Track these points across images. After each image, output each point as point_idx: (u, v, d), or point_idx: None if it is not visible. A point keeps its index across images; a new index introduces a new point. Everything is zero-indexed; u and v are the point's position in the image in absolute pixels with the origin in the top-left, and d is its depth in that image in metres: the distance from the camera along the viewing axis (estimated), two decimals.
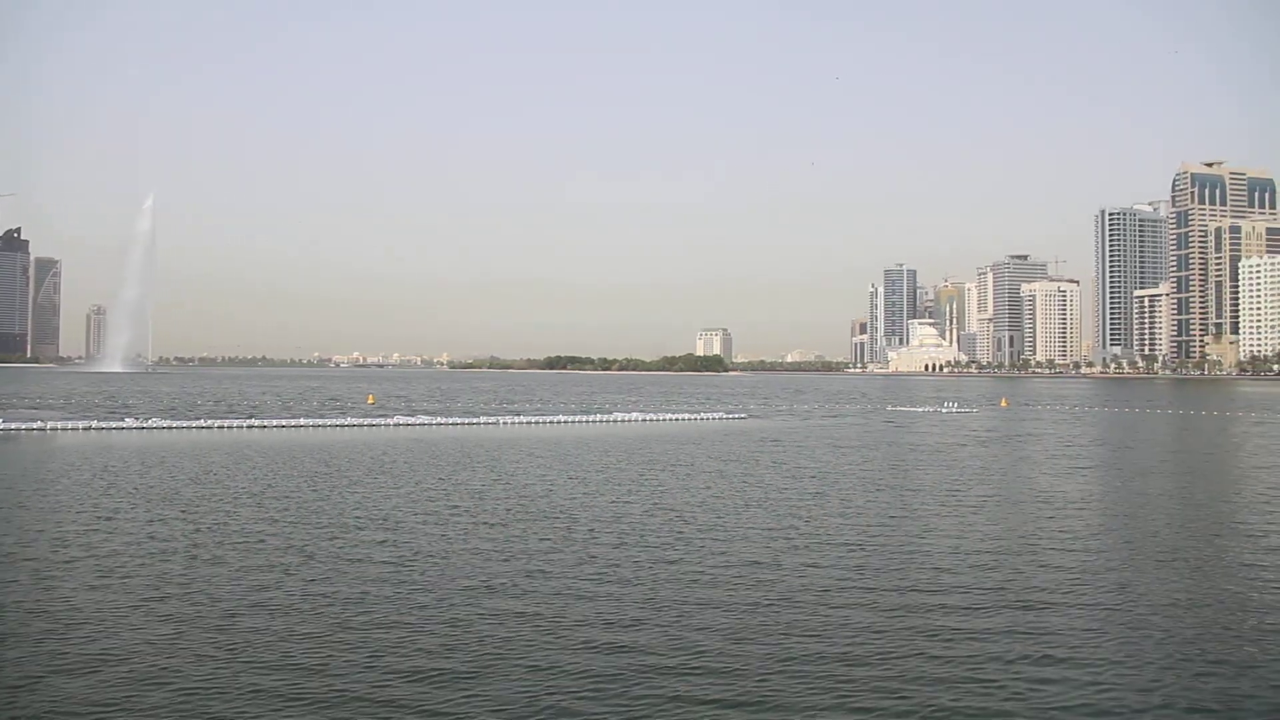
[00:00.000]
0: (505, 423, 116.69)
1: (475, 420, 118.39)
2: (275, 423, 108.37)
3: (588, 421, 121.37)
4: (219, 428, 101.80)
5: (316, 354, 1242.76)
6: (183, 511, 44.94)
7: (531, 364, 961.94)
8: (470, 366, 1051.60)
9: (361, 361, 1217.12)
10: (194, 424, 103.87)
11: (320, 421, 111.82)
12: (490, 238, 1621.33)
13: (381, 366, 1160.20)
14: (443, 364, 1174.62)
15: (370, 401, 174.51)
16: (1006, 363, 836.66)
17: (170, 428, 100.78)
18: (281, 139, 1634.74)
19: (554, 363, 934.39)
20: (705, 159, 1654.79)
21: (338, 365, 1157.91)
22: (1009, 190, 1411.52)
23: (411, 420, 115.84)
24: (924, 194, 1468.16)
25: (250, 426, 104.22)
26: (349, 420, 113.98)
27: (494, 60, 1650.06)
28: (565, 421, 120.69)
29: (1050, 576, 32.07)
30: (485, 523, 42.51)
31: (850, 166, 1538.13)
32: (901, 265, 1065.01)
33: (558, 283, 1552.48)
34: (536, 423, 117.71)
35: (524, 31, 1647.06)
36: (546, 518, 43.93)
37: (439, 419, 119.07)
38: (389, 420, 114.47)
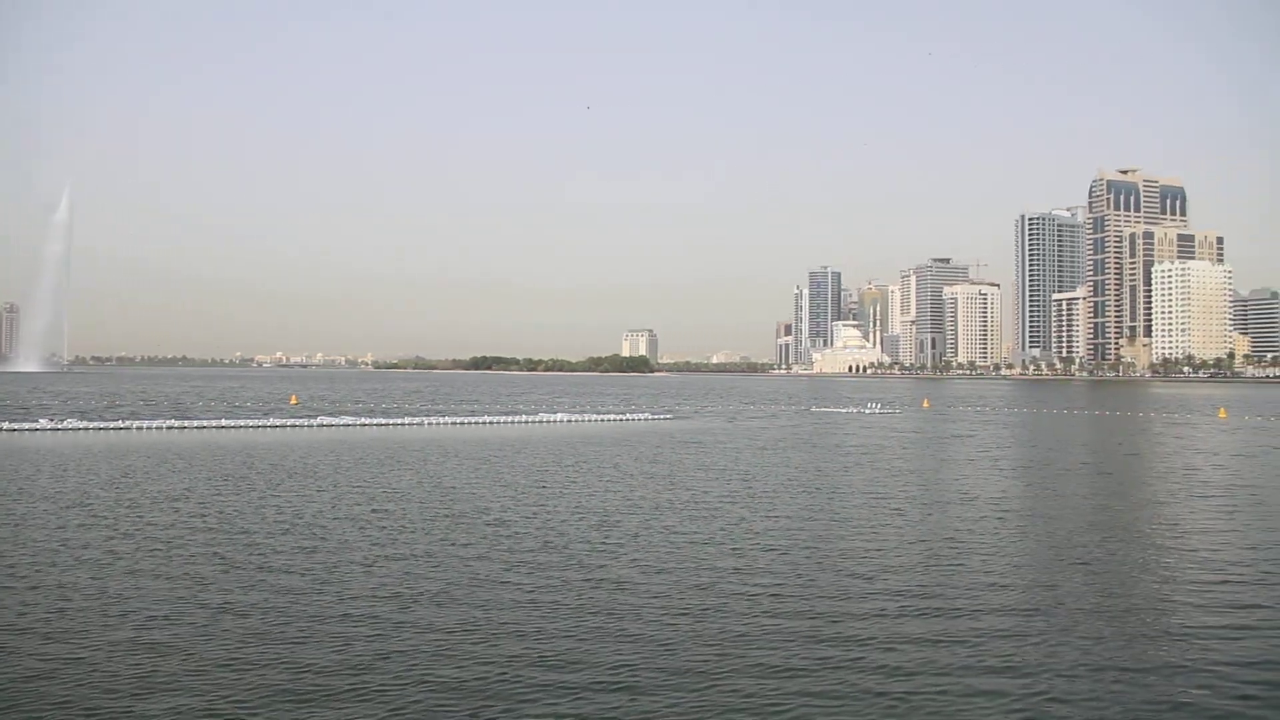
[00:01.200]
0: (431, 424, 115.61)
1: (400, 421, 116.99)
2: (196, 424, 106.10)
3: (514, 422, 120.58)
4: (137, 429, 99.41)
5: (238, 354, 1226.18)
6: (96, 517, 43.46)
7: (457, 364, 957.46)
8: (395, 367, 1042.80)
9: (284, 361, 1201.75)
10: (111, 425, 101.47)
11: (242, 422, 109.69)
12: (418, 238, 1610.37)
13: (305, 366, 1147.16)
14: (367, 364, 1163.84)
15: (293, 402, 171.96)
16: (929, 364, 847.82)
17: (86, 429, 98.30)
18: (227, 133, 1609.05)
19: (479, 363, 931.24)
20: (653, 161, 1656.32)
21: (260, 365, 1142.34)
22: (933, 194, 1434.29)
23: (335, 421, 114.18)
24: (849, 197, 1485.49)
25: (170, 428, 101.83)
26: (271, 421, 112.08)
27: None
28: (491, 422, 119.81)
29: (974, 580, 32.02)
30: (411, 527, 41.68)
31: (777, 169, 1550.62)
32: (826, 268, 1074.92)
33: (483, 283, 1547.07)
34: (462, 423, 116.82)
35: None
36: (472, 522, 43.19)
37: (363, 420, 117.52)
38: (312, 421, 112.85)
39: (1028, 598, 29.91)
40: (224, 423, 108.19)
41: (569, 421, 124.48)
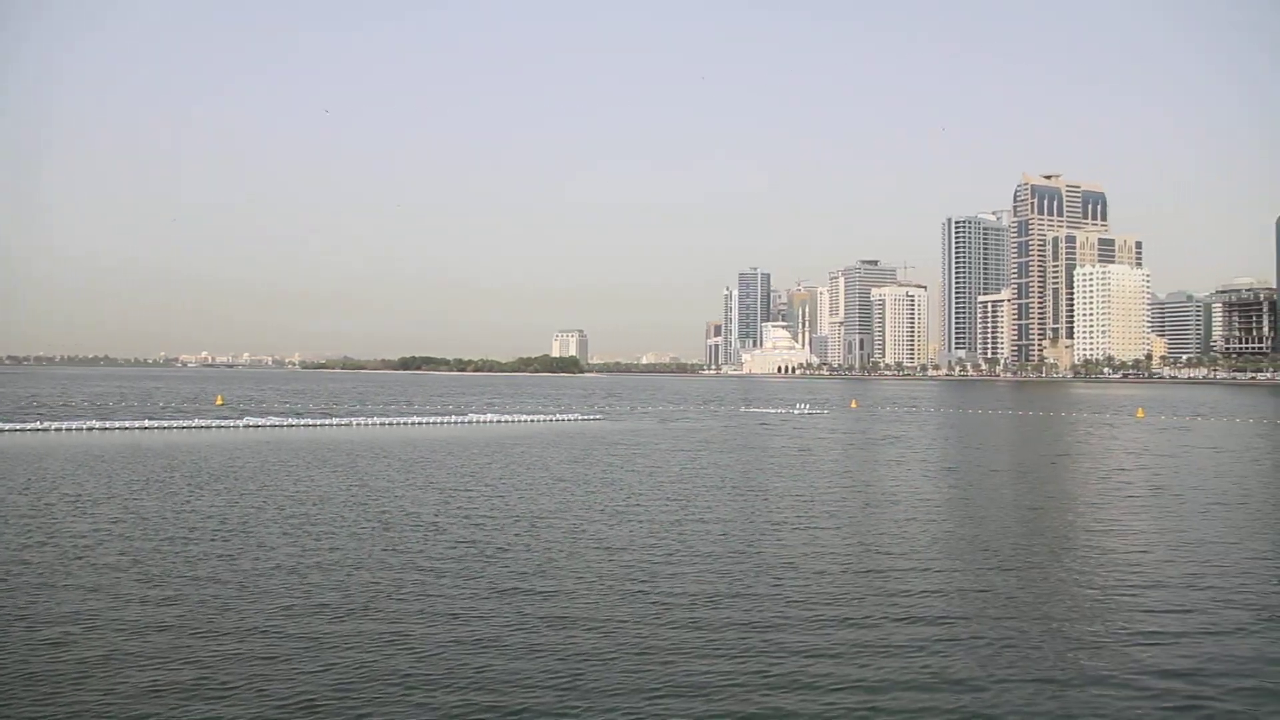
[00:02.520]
0: (359, 424, 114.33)
1: (328, 422, 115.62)
2: (118, 425, 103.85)
3: (443, 423, 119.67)
4: (56, 430, 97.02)
5: (162, 353, 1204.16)
6: (8, 524, 42.01)
7: (385, 365, 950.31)
8: (323, 367, 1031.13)
9: (210, 361, 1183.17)
10: (28, 426, 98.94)
11: (166, 423, 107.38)
12: (345, 238, 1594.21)
13: (231, 366, 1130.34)
14: (294, 364, 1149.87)
15: (219, 402, 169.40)
16: (857, 365, 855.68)
17: (1, 430, 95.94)
18: (163, 125, 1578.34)
19: (408, 363, 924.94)
20: (583, 162, 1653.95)
21: (185, 365, 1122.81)
22: (862, 196, 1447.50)
23: (262, 421, 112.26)
24: (779, 199, 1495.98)
25: (91, 429, 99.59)
26: (197, 422, 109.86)
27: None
28: (421, 423, 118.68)
29: (905, 587, 31.77)
30: (338, 532, 40.89)
31: (707, 170, 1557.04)
32: (756, 269, 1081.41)
33: (412, 283, 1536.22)
34: (391, 424, 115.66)
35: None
36: (401, 526, 42.52)
37: (291, 420, 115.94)
38: (239, 422, 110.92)
39: (958, 604, 29.76)
40: (147, 424, 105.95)
41: (499, 422, 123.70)
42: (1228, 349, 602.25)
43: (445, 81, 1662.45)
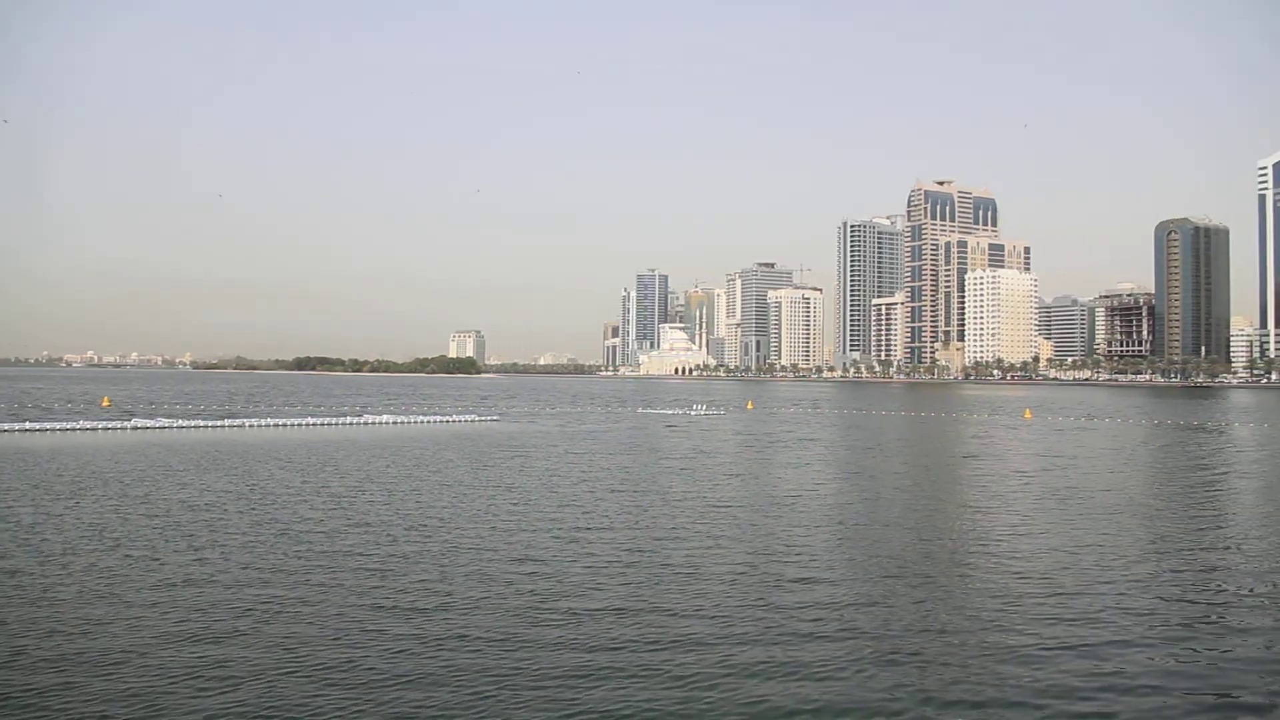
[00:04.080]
0: (252, 425, 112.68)
1: (220, 424, 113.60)
2: None
3: (339, 424, 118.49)
4: None
5: (45, 353, 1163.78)
6: None
7: (280, 365, 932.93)
8: (215, 367, 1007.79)
9: (96, 361, 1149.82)
10: None
11: (48, 425, 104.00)
12: (238, 235, 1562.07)
13: (119, 367, 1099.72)
14: (185, 364, 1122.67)
15: (105, 404, 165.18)
16: (753, 366, 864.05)
17: None
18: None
19: (303, 364, 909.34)
20: (485, 162, 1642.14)
21: (70, 365, 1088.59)
22: (760, 200, 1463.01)
23: (151, 424, 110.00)
24: (677, 201, 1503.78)
25: None
26: (82, 424, 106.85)
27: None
28: (315, 424, 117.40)
29: (801, 598, 31.11)
30: (228, 540, 40.30)
31: (605, 172, 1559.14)
32: (654, 271, 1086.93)
33: (307, 282, 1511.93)
34: (285, 425, 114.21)
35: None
36: (295, 532, 42.20)
37: (181, 422, 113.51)
38: (126, 424, 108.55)
39: (852, 617, 28.93)
40: (28, 425, 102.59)
41: (395, 423, 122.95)
42: (1109, 351, 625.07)
43: (328, 77, 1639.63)
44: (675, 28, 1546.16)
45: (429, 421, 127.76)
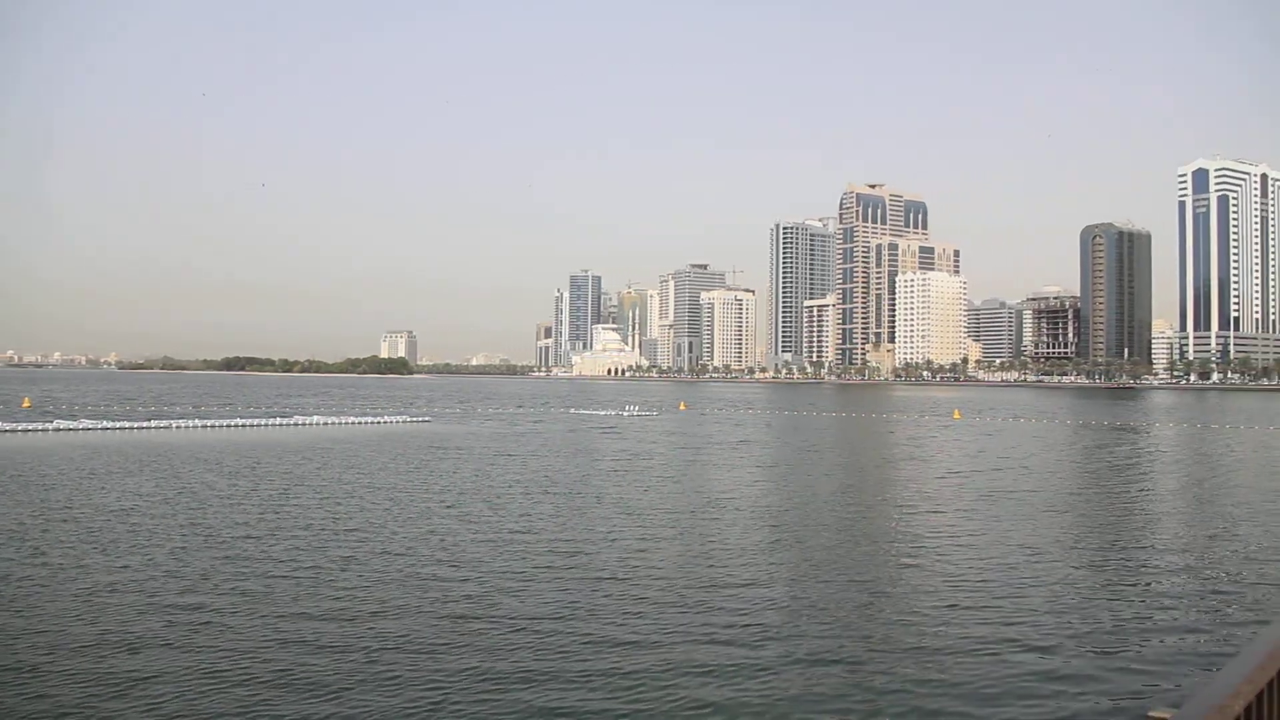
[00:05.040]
0: (179, 427, 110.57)
1: (146, 425, 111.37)
2: None
3: (268, 425, 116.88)
4: None
5: None
6: None
7: (209, 365, 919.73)
8: (141, 367, 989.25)
9: (16, 360, 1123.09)
10: None
11: None
12: (165, 232, 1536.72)
13: (40, 366, 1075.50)
14: (111, 364, 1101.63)
15: (25, 405, 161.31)
16: (686, 367, 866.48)
17: None
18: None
19: (232, 364, 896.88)
20: (413, 161, 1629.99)
21: None
22: (693, 201, 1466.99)
23: (74, 425, 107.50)
24: (610, 201, 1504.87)
25: None
26: None
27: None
28: (245, 425, 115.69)
29: (736, 600, 31.15)
30: (151, 544, 39.48)
31: (538, 171, 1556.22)
32: (587, 271, 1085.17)
33: (235, 281, 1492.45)
34: (213, 426, 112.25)
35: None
36: (222, 537, 41.38)
37: (105, 424, 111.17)
38: (48, 425, 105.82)
39: (788, 619, 29.03)
40: None
41: (326, 424, 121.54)
42: (1036, 353, 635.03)
43: (277, 75, 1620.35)
44: (600, 28, 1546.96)
45: (360, 423, 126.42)
